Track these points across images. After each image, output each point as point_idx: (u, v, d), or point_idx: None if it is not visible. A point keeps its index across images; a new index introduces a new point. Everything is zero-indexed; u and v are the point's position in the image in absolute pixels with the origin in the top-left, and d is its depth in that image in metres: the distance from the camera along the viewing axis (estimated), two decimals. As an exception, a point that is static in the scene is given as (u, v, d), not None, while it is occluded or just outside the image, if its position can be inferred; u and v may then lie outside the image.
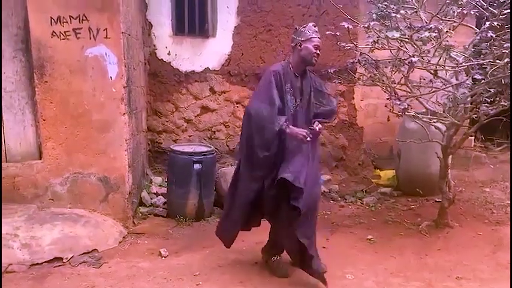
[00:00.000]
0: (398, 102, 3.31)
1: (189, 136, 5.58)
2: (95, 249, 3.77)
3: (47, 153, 4.09)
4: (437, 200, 4.89)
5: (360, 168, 5.90)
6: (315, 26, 3.11)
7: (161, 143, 5.48)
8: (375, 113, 5.93)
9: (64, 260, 3.56)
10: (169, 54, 5.40)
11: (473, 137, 6.44)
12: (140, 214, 4.60)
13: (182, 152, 4.43)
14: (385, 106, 3.72)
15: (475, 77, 3.58)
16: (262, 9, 5.41)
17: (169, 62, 5.41)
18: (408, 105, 3.52)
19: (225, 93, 5.54)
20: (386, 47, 3.59)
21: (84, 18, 3.93)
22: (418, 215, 4.53)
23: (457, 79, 3.90)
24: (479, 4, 3.50)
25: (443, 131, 3.93)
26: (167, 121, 5.53)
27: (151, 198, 4.88)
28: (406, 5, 3.73)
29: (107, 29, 3.96)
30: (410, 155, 5.10)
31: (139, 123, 4.94)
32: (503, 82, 3.44)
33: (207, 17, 5.23)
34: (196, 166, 4.36)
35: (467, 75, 3.78)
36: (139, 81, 4.98)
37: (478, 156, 6.18)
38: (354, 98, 5.73)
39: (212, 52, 5.42)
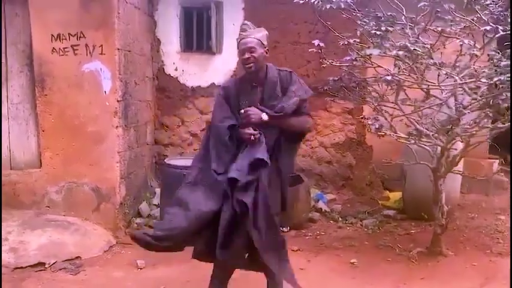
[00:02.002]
0: (370, 122, 3.19)
1: (194, 150, 5.65)
2: (79, 256, 3.90)
3: (45, 162, 4.33)
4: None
5: (368, 188, 5.69)
6: (245, 26, 2.72)
7: (167, 156, 5.59)
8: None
9: (46, 266, 3.71)
10: (176, 70, 5.55)
11: (497, 161, 6.04)
12: (136, 225, 4.71)
13: (173, 165, 4.50)
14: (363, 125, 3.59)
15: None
16: (268, 27, 5.25)
17: (177, 78, 5.56)
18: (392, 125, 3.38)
19: (230, 108, 5.57)
20: (368, 64, 3.47)
21: (81, 35, 4.16)
22: (414, 240, 4.28)
23: (455, 99, 3.70)
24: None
25: (432, 153, 3.71)
26: (173, 135, 5.66)
27: (150, 210, 4.98)
28: (397, 23, 3.62)
29: (102, 45, 4.17)
30: (415, 176, 4.86)
31: (141, 136, 5.09)
32: (491, 103, 3.21)
33: (211, 34, 5.32)
34: (187, 180, 4.40)
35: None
36: (143, 95, 5.16)
37: (500, 181, 5.79)
38: (363, 116, 5.56)
39: (218, 68, 5.51)
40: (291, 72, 2.80)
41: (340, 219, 5.07)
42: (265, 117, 2.65)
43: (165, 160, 4.70)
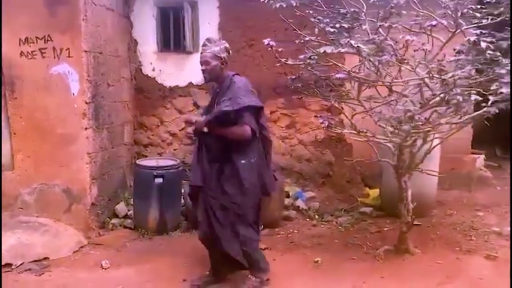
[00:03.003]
0: (321, 120, 3.16)
1: (174, 150, 5.69)
2: (47, 257, 3.95)
3: (17, 165, 4.40)
4: (415, 223, 4.54)
5: (348, 186, 5.64)
6: (206, 41, 3.18)
7: (147, 156, 5.62)
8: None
9: (13, 266, 3.77)
10: (154, 70, 5.57)
11: (482, 156, 5.94)
12: (111, 225, 4.75)
13: (144, 166, 4.53)
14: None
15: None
16: (244, 25, 5.41)
17: (154, 78, 5.58)
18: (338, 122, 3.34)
19: (208, 107, 5.58)
20: (322, 63, 3.44)
21: (48, 38, 4.20)
22: (384, 238, 4.24)
23: (421, 96, 3.64)
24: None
25: (393, 150, 3.66)
26: (153, 135, 5.69)
27: (128, 210, 5.01)
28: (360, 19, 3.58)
29: (69, 48, 4.21)
30: (391, 173, 4.78)
31: (117, 137, 5.12)
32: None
33: (185, 34, 5.32)
34: (158, 180, 4.43)
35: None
36: (120, 96, 5.19)
37: (484, 177, 5.69)
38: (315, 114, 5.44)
39: (195, 67, 5.42)
40: (233, 82, 3.14)
41: (316, 217, 5.04)
42: (205, 129, 3.09)
43: (137, 161, 4.73)
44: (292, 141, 5.68)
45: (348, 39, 2.92)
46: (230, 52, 3.26)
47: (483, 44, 2.71)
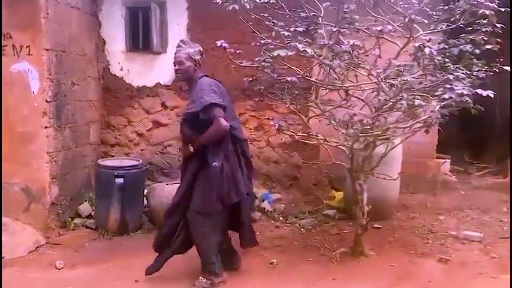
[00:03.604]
0: (272, 122, 3.19)
1: (141, 150, 5.67)
2: (2, 257, 3.91)
3: (-23, 163, 4.33)
4: (374, 226, 4.60)
5: (314, 188, 5.68)
6: (181, 42, 3.31)
7: (114, 156, 5.60)
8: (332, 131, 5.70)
9: (-34, 267, 3.72)
10: (121, 69, 5.55)
11: (449, 160, 6.02)
12: (72, 225, 4.72)
13: (105, 166, 4.51)
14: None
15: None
16: (213, 26, 5.42)
17: (122, 77, 5.56)
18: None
19: (176, 108, 5.59)
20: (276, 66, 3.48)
21: (9, 36, 4.17)
22: (342, 240, 4.27)
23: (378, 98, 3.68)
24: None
25: (347, 153, 3.70)
26: (120, 135, 5.66)
27: (92, 210, 4.98)
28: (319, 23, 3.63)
29: (29, 46, 4.17)
30: (353, 176, 4.85)
31: (82, 136, 5.10)
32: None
33: (152, 34, 5.31)
34: (118, 180, 4.42)
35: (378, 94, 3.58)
36: (85, 95, 5.16)
37: (448, 181, 5.77)
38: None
39: (163, 68, 5.49)
40: (199, 83, 3.22)
41: (281, 219, 5.07)
42: (191, 149, 3.21)
43: (99, 161, 4.71)
44: (260, 143, 5.71)
45: (296, 43, 2.93)
46: (203, 55, 3.41)
47: (427, 50, 2.75)
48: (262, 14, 3.62)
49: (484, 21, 3.41)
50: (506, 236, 4.33)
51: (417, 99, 2.90)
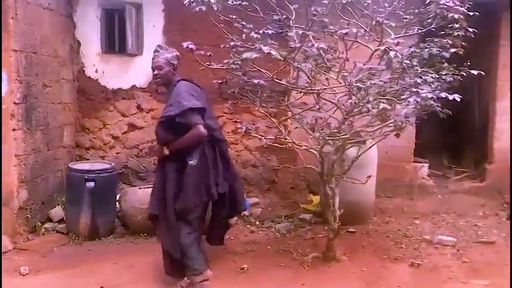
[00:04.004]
0: (240, 125, 3.16)
1: (117, 153, 5.59)
2: (-24, 261, 3.81)
3: None
4: (349, 230, 4.58)
5: (292, 192, 5.64)
6: (158, 47, 3.34)
7: (89, 159, 5.51)
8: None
9: None
10: (96, 71, 5.47)
11: (427, 164, 6.01)
12: (43, 230, 4.62)
13: (75, 169, 4.43)
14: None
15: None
16: (189, 29, 5.37)
17: (97, 80, 5.48)
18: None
19: (152, 111, 5.52)
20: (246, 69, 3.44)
21: (-25, 36, 4.06)
22: (316, 245, 4.23)
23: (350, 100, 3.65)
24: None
25: (318, 157, 3.67)
26: (95, 138, 5.57)
27: (65, 215, 4.88)
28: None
29: (-3, 47, 4.07)
30: (329, 180, 4.82)
31: (55, 139, 5.00)
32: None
33: (127, 36, 5.25)
34: (89, 184, 4.34)
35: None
36: (58, 97, 5.07)
37: (425, 185, 5.77)
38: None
39: (139, 70, 5.43)
40: (176, 87, 3.25)
41: (257, 223, 5.02)
42: (166, 151, 3.22)
43: (70, 164, 4.62)
44: (238, 146, 5.66)
45: (261, 45, 2.90)
46: (180, 60, 3.43)
47: (391, 54, 2.73)
48: (231, 16, 3.56)
49: (457, 26, 3.41)
50: (479, 241, 4.34)
51: (382, 102, 2.87)
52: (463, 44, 3.18)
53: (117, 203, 4.71)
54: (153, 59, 3.28)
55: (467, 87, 6.65)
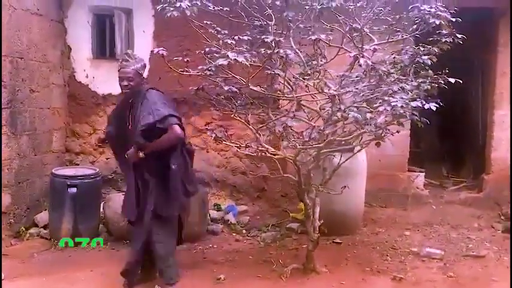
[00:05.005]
0: (209, 133, 3.11)
1: (107, 159, 5.57)
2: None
3: None
4: (335, 241, 4.47)
5: (282, 200, 5.55)
6: (126, 56, 3.31)
7: (78, 164, 5.50)
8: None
9: None
10: (87, 77, 5.48)
11: (423, 174, 5.87)
12: (27, 235, 4.61)
13: (57, 175, 4.41)
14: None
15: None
16: (178, 34, 5.34)
17: (87, 85, 5.48)
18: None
19: (142, 116, 5.49)
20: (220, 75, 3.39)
21: (-40, 41, 4.09)
22: (298, 256, 4.13)
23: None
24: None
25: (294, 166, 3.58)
26: (84, 143, 5.57)
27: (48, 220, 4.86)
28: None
29: (-18, 52, 4.09)
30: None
31: (43, 144, 5.01)
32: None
33: (116, 41, 5.24)
34: (71, 190, 4.31)
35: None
36: (48, 102, 5.09)
37: (419, 195, 5.62)
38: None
39: (129, 76, 5.40)
40: (147, 96, 3.27)
41: (244, 231, 4.94)
42: (141, 154, 3.21)
43: (53, 169, 4.60)
44: (227, 153, 5.60)
45: (228, 52, 2.84)
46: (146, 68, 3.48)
47: (361, 61, 2.64)
48: (206, 22, 3.51)
49: (445, 32, 3.32)
50: (469, 254, 4.19)
51: (352, 111, 2.78)
52: (436, 51, 3.06)
53: (101, 209, 4.68)
54: (122, 68, 3.24)
55: (472, 95, 6.52)
